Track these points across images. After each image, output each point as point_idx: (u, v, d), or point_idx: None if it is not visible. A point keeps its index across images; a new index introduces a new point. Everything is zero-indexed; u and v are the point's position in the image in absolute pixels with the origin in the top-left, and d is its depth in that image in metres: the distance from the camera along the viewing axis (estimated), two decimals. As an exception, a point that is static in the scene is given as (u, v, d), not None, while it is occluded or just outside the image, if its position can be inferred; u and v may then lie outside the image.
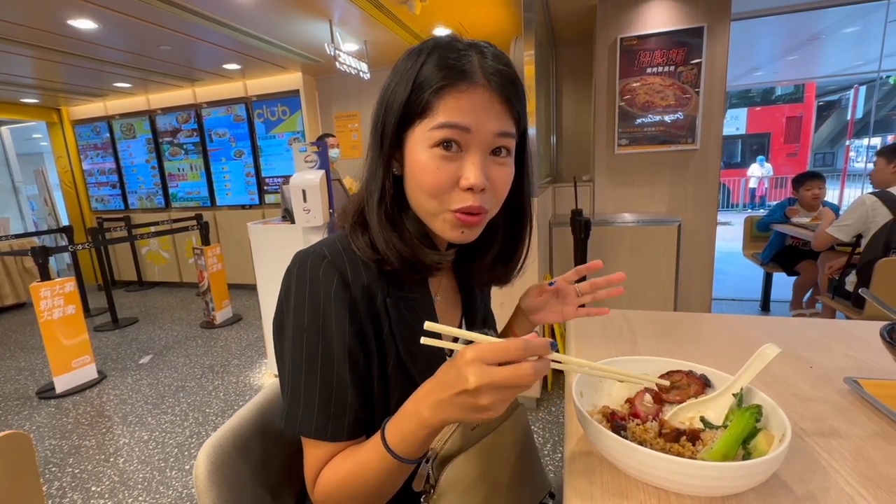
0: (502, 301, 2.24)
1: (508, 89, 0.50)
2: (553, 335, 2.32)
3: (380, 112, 0.53)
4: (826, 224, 2.33)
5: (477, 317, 0.68)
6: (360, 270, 0.53)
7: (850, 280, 2.26)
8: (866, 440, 0.53)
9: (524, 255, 0.64)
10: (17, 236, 4.60)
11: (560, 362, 0.45)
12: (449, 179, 0.50)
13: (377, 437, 0.48)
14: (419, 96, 0.49)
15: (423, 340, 0.41)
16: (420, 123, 0.50)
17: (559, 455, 1.79)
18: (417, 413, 0.44)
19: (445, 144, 0.49)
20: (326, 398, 0.50)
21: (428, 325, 0.40)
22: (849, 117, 10.11)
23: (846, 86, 9.92)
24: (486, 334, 0.43)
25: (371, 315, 0.53)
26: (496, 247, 0.62)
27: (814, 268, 2.91)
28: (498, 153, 0.52)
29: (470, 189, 0.50)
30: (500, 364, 0.38)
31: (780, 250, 3.11)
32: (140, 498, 1.67)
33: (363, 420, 0.54)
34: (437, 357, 0.59)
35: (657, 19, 2.60)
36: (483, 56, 0.50)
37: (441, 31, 3.23)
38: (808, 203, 2.95)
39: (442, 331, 0.40)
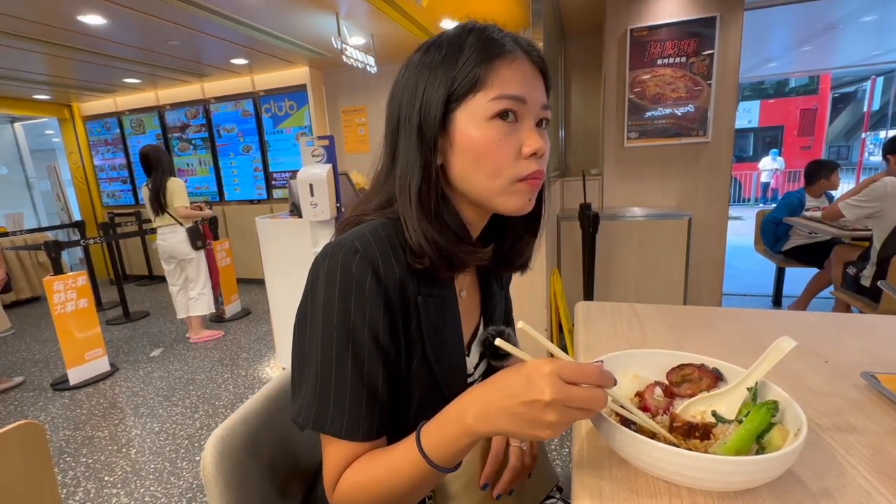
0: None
1: (544, 63, 0.53)
2: (561, 329, 2.31)
3: (414, 102, 0.51)
4: (840, 199, 2.30)
5: (495, 313, 0.66)
6: (393, 264, 0.50)
7: (866, 275, 2.22)
8: (884, 436, 0.52)
9: (542, 229, 0.64)
10: (31, 231, 4.67)
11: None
12: (511, 149, 0.50)
13: (411, 440, 0.46)
14: (468, 72, 0.49)
15: (499, 343, 0.43)
16: (473, 98, 0.49)
17: (566, 450, 1.78)
18: (461, 420, 0.42)
19: (503, 115, 0.49)
20: (357, 398, 0.49)
21: (521, 325, 0.43)
22: (865, 109, 9.88)
23: (863, 77, 9.69)
24: (508, 338, 0.44)
25: (402, 308, 0.52)
26: (521, 223, 0.62)
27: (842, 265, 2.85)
28: (541, 124, 0.53)
29: (534, 155, 0.50)
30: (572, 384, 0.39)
31: (795, 244, 3.06)
32: (151, 488, 1.69)
33: (388, 416, 0.52)
34: (458, 357, 0.58)
35: (668, 9, 2.55)
36: (518, 37, 0.52)
37: (449, 24, 3.20)
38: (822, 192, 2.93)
39: (532, 334, 0.43)
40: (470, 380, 0.62)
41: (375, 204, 0.56)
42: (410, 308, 0.52)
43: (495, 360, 0.64)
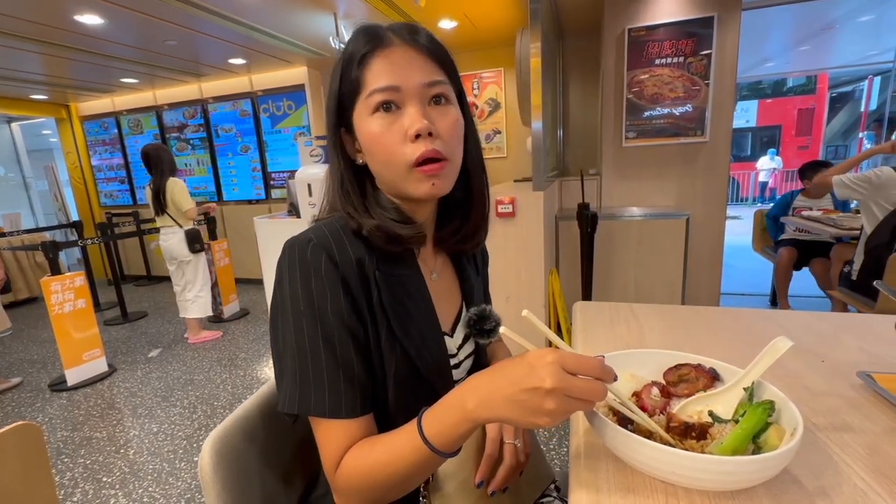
0: (507, 295, 2.23)
1: (427, 42, 0.54)
2: (559, 329, 2.31)
3: (326, 110, 0.58)
4: (835, 171, 2.30)
5: (474, 295, 0.68)
6: (347, 247, 0.54)
7: (855, 267, 2.22)
8: (881, 436, 0.52)
9: (488, 208, 0.65)
10: (29, 231, 4.66)
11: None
12: (396, 137, 0.52)
13: (412, 426, 0.47)
14: (349, 76, 0.53)
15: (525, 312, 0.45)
16: (358, 100, 0.54)
17: (565, 449, 1.78)
18: (462, 406, 0.43)
19: (385, 107, 0.52)
20: (335, 377, 0.51)
21: (526, 314, 0.44)
22: (862, 109, 9.90)
23: (860, 77, 9.71)
24: (490, 314, 0.49)
25: (362, 285, 0.54)
26: (456, 204, 0.63)
27: (791, 252, 2.97)
28: (438, 101, 0.54)
29: (418, 136, 0.51)
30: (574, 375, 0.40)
31: (785, 237, 3.12)
32: (150, 489, 1.69)
33: (370, 395, 0.54)
34: (432, 334, 0.59)
35: (666, 9, 2.55)
36: (397, 26, 0.54)
37: (447, 25, 3.20)
38: (819, 190, 2.97)
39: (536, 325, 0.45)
40: (455, 361, 0.63)
41: (331, 206, 0.60)
42: (370, 284, 0.54)
43: (481, 339, 0.65)
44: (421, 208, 0.60)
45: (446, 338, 0.62)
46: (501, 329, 0.46)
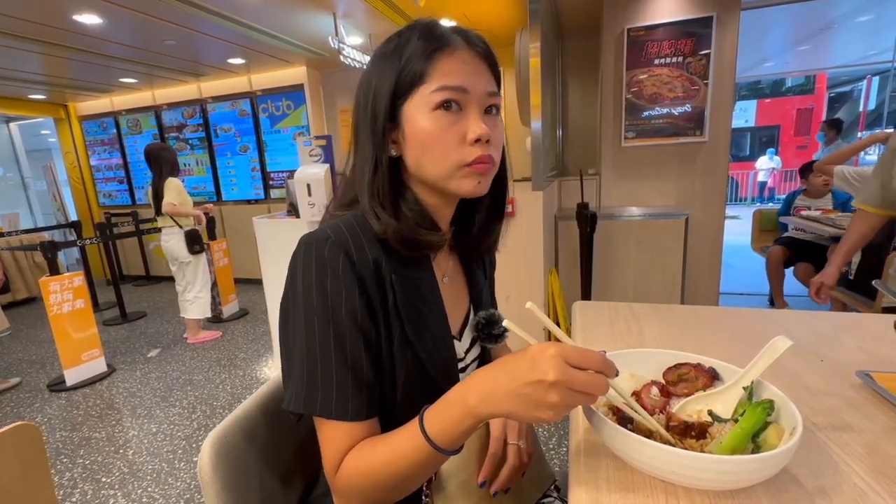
0: (508, 294, 2.23)
1: (489, 53, 0.56)
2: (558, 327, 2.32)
3: (367, 97, 0.55)
4: (834, 159, 2.29)
5: (483, 299, 0.68)
6: (365, 248, 0.53)
7: (853, 267, 2.22)
8: (880, 435, 0.52)
9: (504, 214, 0.67)
10: (27, 231, 4.65)
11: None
12: (455, 136, 0.52)
13: (413, 424, 0.46)
14: (410, 67, 0.52)
15: (507, 324, 0.47)
16: (417, 91, 0.52)
17: (564, 449, 1.78)
18: (464, 402, 0.43)
19: (446, 105, 0.51)
20: (343, 378, 0.50)
21: (529, 306, 0.45)
22: (861, 109, 9.91)
23: (859, 77, 9.72)
24: (499, 320, 0.48)
25: (378, 287, 0.53)
26: (485, 207, 0.64)
27: (782, 250, 2.98)
28: (490, 111, 0.55)
29: (478, 141, 0.52)
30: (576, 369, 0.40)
31: (786, 235, 3.13)
32: (149, 489, 1.69)
33: (377, 397, 0.54)
34: (443, 338, 0.59)
35: (665, 9, 2.55)
36: (458, 28, 0.55)
37: (445, 24, 3.20)
38: (819, 190, 2.97)
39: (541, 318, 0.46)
40: (461, 364, 0.63)
41: (348, 200, 0.59)
42: (386, 287, 0.54)
43: (489, 343, 0.65)
44: (445, 210, 0.60)
45: (455, 341, 0.62)
46: (505, 322, 0.47)
